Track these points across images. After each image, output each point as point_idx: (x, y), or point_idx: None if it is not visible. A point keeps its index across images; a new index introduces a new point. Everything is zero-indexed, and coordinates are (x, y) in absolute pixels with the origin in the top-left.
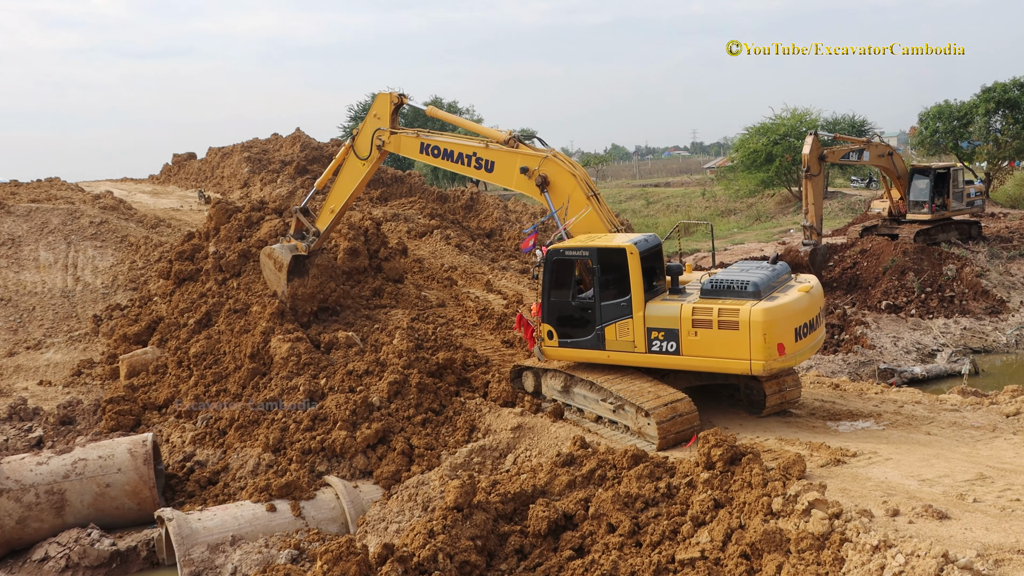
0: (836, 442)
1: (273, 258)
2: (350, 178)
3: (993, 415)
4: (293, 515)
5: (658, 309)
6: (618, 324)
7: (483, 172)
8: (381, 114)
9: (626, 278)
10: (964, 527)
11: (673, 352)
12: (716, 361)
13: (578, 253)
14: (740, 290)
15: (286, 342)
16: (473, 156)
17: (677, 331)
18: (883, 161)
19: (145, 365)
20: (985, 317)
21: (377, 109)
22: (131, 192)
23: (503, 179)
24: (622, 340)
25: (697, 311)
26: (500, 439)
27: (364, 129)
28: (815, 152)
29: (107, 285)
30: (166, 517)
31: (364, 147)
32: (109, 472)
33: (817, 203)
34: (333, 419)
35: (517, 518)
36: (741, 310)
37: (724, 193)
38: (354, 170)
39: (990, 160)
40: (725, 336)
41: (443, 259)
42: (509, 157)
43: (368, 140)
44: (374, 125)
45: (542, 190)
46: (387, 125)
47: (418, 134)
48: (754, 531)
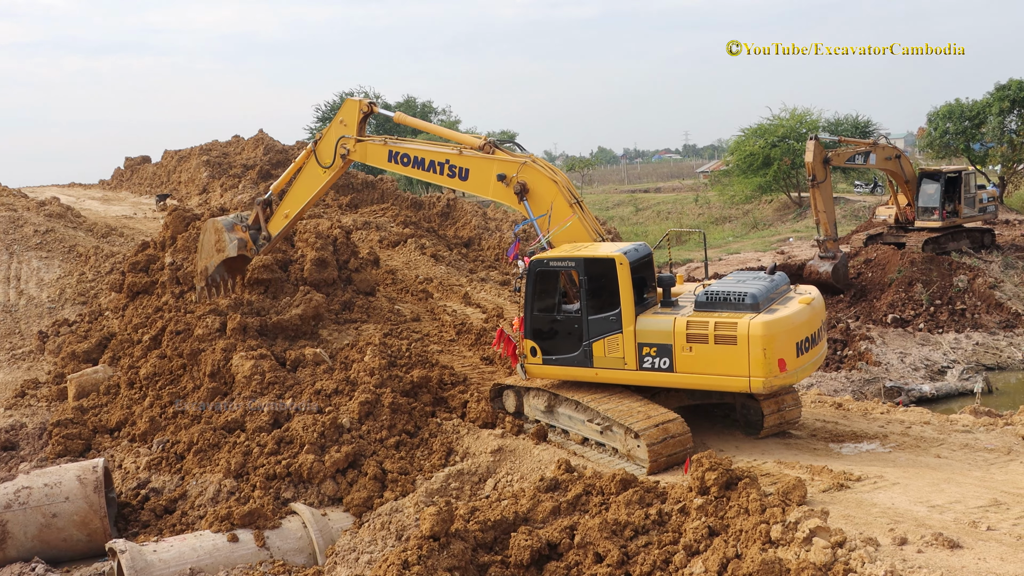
0: (839, 465)
1: (218, 237)
2: (308, 184)
3: (1008, 436)
4: (257, 546)
5: (650, 323)
6: (607, 340)
7: (457, 180)
8: (348, 120)
9: (615, 290)
10: (977, 557)
11: (666, 369)
12: (712, 378)
13: (563, 264)
14: (737, 302)
15: (249, 359)
16: (446, 164)
17: (671, 346)
18: (890, 164)
19: (95, 385)
20: (999, 331)
21: (344, 115)
22: (80, 198)
23: (479, 187)
24: (611, 357)
25: (692, 325)
26: (479, 463)
27: (328, 135)
28: (818, 157)
29: (53, 299)
30: (118, 549)
31: (327, 154)
32: (56, 501)
33: (828, 210)
34: (300, 442)
35: (498, 547)
36: (739, 323)
37: (718, 199)
38: (314, 177)
39: (1004, 163)
40: (722, 351)
41: (418, 270)
42: (485, 164)
43: (332, 147)
44: (339, 132)
45: (521, 198)
46: (354, 132)
47: (386, 141)
48: (751, 561)
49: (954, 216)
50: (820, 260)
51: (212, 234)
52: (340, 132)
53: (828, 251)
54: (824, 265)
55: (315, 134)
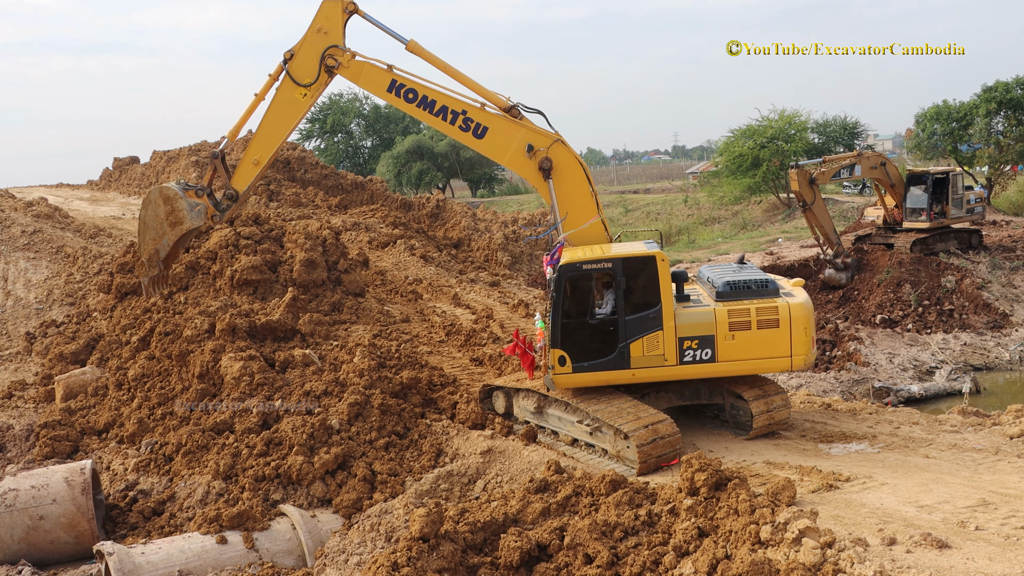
0: (828, 466)
1: (171, 207)
2: (284, 115)
3: (996, 437)
4: (246, 547)
5: (690, 316)
6: (646, 338)
7: (470, 136)
8: (329, 28)
9: (654, 288)
10: (966, 557)
11: (708, 360)
12: (754, 363)
13: (599, 266)
14: (760, 289)
15: (238, 361)
16: (462, 115)
17: (712, 337)
18: (876, 172)
19: (83, 386)
20: (987, 332)
21: (322, 22)
22: (68, 199)
23: (495, 150)
24: (651, 355)
25: (733, 313)
26: (469, 464)
27: (304, 46)
28: (803, 182)
29: (41, 300)
30: (106, 551)
31: (307, 69)
32: (43, 503)
33: (827, 226)
34: (289, 443)
35: (487, 549)
36: (780, 307)
37: (708, 200)
38: (289, 103)
39: (991, 164)
40: (765, 335)
41: (407, 271)
42: (511, 128)
43: (315, 60)
44: (321, 42)
45: (546, 176)
46: (340, 42)
47: (392, 68)
48: (741, 562)
49: (942, 217)
50: (836, 273)
51: (161, 205)
52: (323, 43)
53: (840, 264)
54: (842, 277)
55: (285, 54)
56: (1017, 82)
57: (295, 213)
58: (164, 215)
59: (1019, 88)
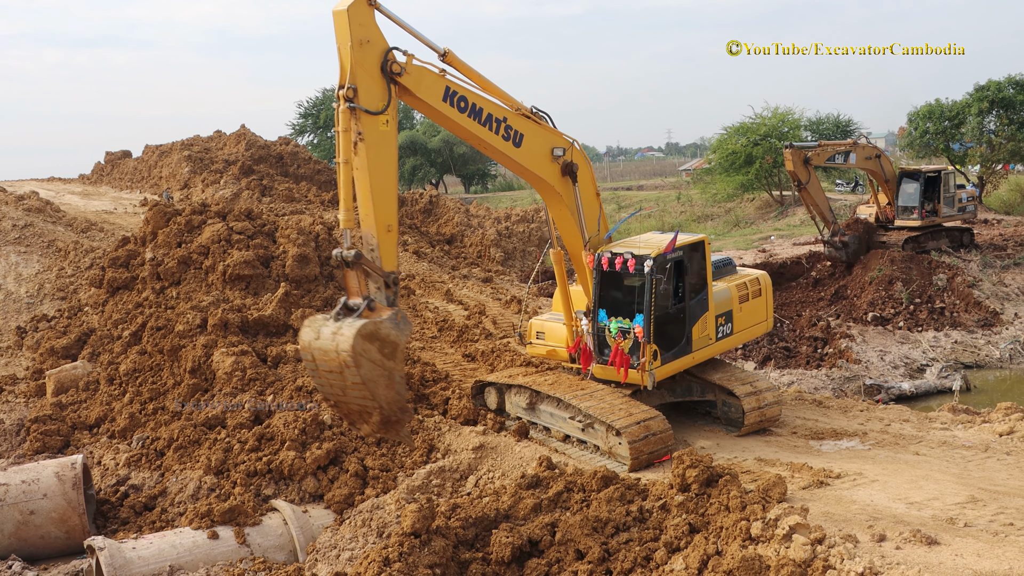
0: (819, 462)
1: (377, 342)
2: (381, 157)
3: (985, 434)
4: (237, 543)
5: (719, 295)
6: (701, 320)
7: (510, 146)
8: (370, 34)
9: (704, 271)
10: (955, 553)
11: (728, 334)
12: (751, 330)
13: (677, 254)
14: (729, 267)
15: (230, 356)
16: (504, 122)
17: (731, 311)
18: (870, 164)
19: (74, 381)
20: (977, 330)
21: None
22: (59, 193)
23: (530, 158)
24: (702, 336)
25: (740, 287)
26: (461, 460)
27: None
28: (798, 162)
29: (32, 294)
30: (97, 546)
31: (375, 92)
32: (34, 498)
33: (821, 203)
34: (281, 438)
35: (479, 544)
36: (760, 277)
37: (701, 197)
38: (379, 140)
39: (983, 163)
40: (756, 304)
41: (400, 267)
42: (540, 132)
43: (376, 76)
44: (371, 53)
45: (574, 179)
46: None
47: (445, 73)
48: (732, 557)
49: (933, 215)
50: (836, 251)
51: (368, 351)
52: (373, 52)
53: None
54: (841, 254)
55: (335, 96)
56: (1009, 81)
57: (288, 208)
58: (378, 357)
59: (1011, 87)
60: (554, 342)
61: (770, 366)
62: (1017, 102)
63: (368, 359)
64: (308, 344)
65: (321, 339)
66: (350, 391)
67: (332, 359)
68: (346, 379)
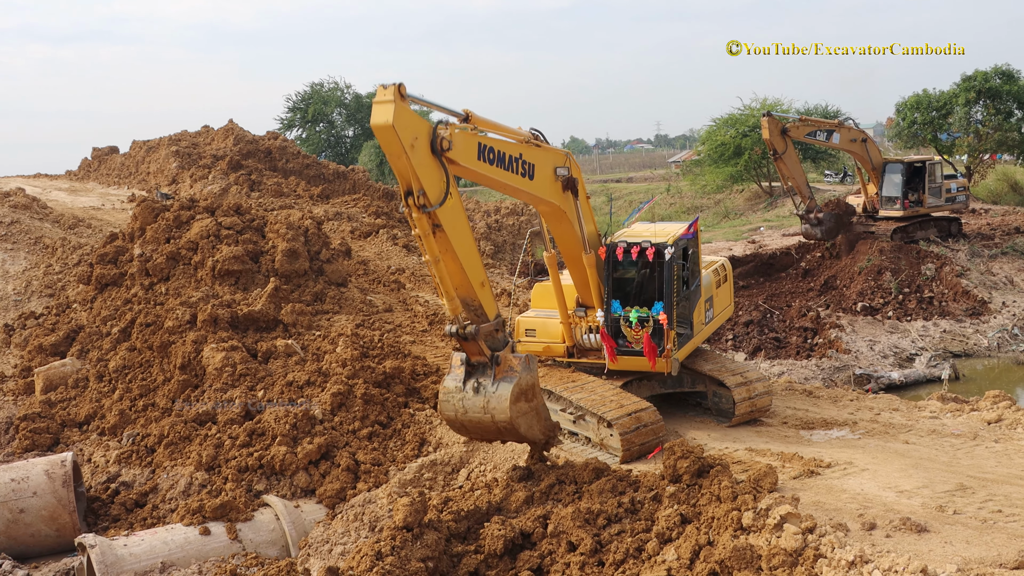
0: (809, 452)
1: (524, 393)
2: (460, 229)
3: (974, 422)
4: (229, 538)
5: (704, 280)
6: (698, 305)
7: (525, 180)
8: (414, 126)
9: (698, 257)
10: (944, 540)
11: (711, 319)
12: (722, 316)
13: (686, 239)
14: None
15: (220, 351)
16: (520, 159)
17: (712, 296)
18: (855, 147)
19: (64, 378)
20: (966, 319)
21: (405, 131)
22: (46, 189)
23: (541, 187)
24: (699, 321)
25: (715, 272)
26: (452, 453)
27: (421, 170)
28: (775, 131)
29: (19, 291)
30: (88, 544)
31: (437, 182)
32: (23, 496)
33: (798, 176)
34: (272, 434)
35: (471, 537)
36: (726, 264)
37: (690, 189)
38: (454, 216)
39: (970, 153)
40: (725, 289)
41: (390, 261)
42: (545, 156)
43: (433, 165)
44: (422, 148)
45: (575, 193)
46: (427, 129)
47: (476, 129)
48: (723, 548)
49: (918, 206)
50: (811, 228)
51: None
52: (424, 146)
53: (813, 219)
54: (815, 231)
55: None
56: (996, 71)
57: (277, 203)
58: (527, 406)
59: (998, 77)
60: (548, 338)
61: (760, 357)
62: (1004, 92)
63: (523, 415)
64: (454, 418)
65: (470, 413)
66: (505, 438)
67: (489, 427)
68: (503, 436)
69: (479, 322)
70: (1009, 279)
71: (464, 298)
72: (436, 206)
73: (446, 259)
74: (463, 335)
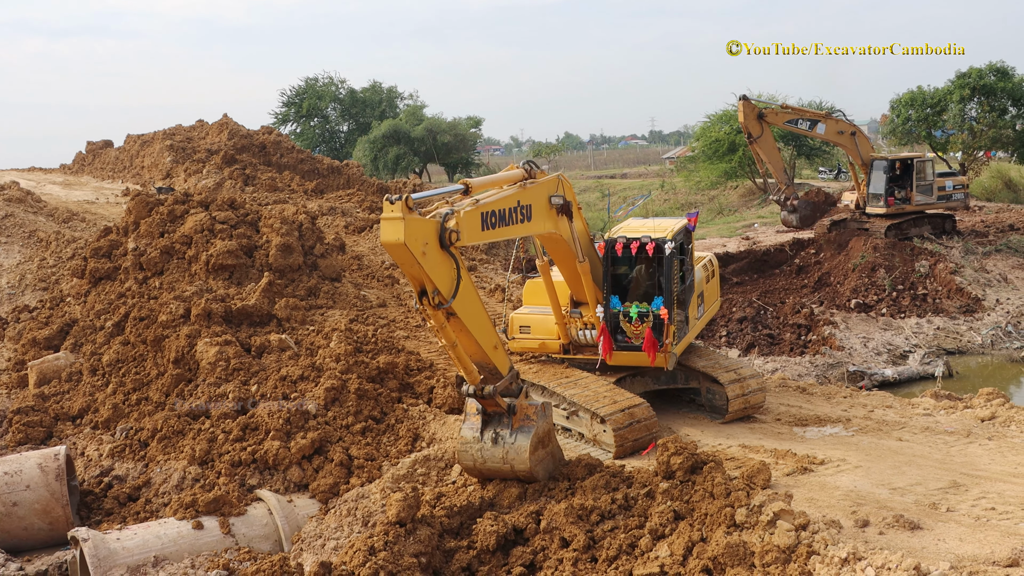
0: (803, 449)
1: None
2: (471, 306)
3: (968, 420)
4: (222, 532)
5: (696, 275)
6: (692, 299)
7: (526, 224)
8: (425, 237)
9: (690, 253)
10: (937, 538)
11: (703, 314)
12: (711, 311)
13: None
14: None
15: (213, 346)
16: (518, 206)
17: (703, 292)
18: (844, 140)
19: (57, 372)
20: (959, 316)
21: (416, 244)
22: (40, 183)
23: (539, 224)
24: (692, 316)
25: (704, 268)
26: (446, 448)
27: (432, 272)
28: (750, 115)
29: (13, 285)
30: (81, 537)
31: (448, 275)
32: (16, 489)
33: (774, 160)
34: (265, 428)
35: (464, 533)
36: (712, 259)
37: (684, 185)
38: (465, 298)
39: (965, 150)
40: (714, 285)
41: (384, 256)
42: (539, 189)
43: (446, 265)
44: (434, 251)
45: (570, 217)
46: (435, 229)
47: (477, 201)
48: (716, 544)
49: (904, 203)
50: (788, 215)
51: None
52: (434, 250)
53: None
54: (792, 218)
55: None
56: (990, 68)
57: (271, 198)
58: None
59: (992, 74)
60: (543, 335)
61: (754, 353)
62: (998, 89)
63: (541, 461)
64: (473, 467)
65: (489, 463)
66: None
67: (508, 475)
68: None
69: (494, 380)
70: (1003, 276)
71: (479, 362)
72: (450, 300)
73: (462, 339)
74: (482, 396)
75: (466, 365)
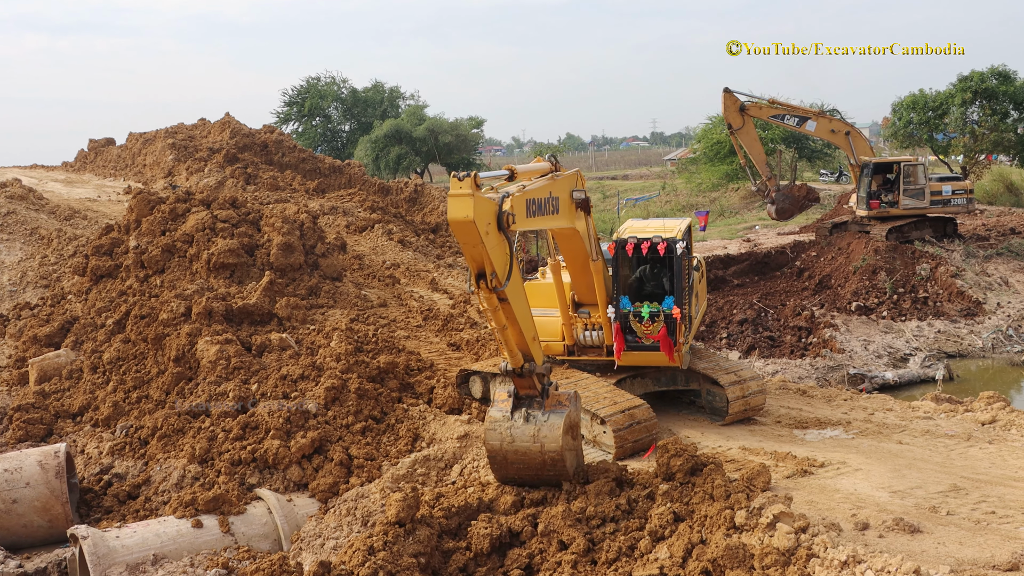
0: (803, 451)
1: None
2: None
3: (968, 423)
4: (221, 531)
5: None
6: (693, 298)
7: (554, 216)
8: (488, 216)
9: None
10: (937, 541)
11: (697, 313)
12: (703, 306)
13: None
14: None
15: (214, 344)
16: (550, 197)
17: (697, 291)
18: (838, 139)
19: (58, 369)
20: (960, 319)
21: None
22: (42, 180)
23: (564, 216)
24: (695, 315)
25: (699, 266)
26: (446, 449)
27: (493, 252)
28: (732, 108)
29: (15, 282)
30: (80, 535)
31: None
32: (16, 487)
33: (754, 152)
34: (265, 427)
35: (462, 534)
36: (701, 259)
37: (686, 187)
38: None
39: (966, 153)
40: (703, 285)
41: (385, 255)
42: (563, 183)
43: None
44: (495, 231)
45: (587, 211)
46: (494, 210)
47: (524, 189)
48: (716, 546)
49: (891, 206)
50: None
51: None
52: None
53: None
54: (770, 208)
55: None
56: (992, 72)
57: (272, 197)
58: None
59: (994, 78)
60: (546, 336)
61: (754, 355)
62: (1000, 92)
63: (569, 449)
64: (499, 448)
65: (517, 442)
66: (543, 474)
67: (534, 458)
68: (545, 471)
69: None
70: (1004, 280)
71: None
72: (504, 284)
73: (511, 324)
74: (520, 372)
75: (511, 348)
